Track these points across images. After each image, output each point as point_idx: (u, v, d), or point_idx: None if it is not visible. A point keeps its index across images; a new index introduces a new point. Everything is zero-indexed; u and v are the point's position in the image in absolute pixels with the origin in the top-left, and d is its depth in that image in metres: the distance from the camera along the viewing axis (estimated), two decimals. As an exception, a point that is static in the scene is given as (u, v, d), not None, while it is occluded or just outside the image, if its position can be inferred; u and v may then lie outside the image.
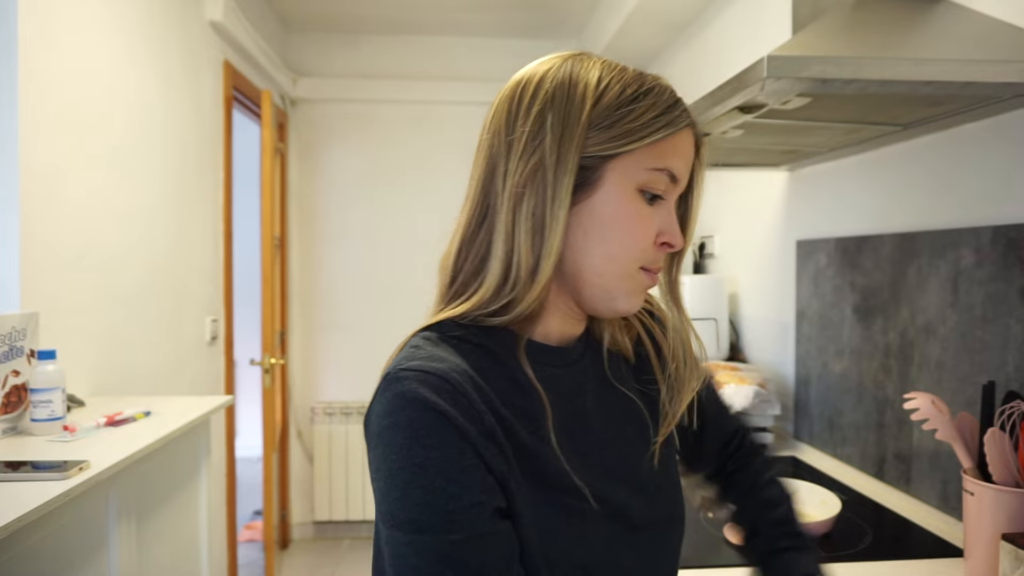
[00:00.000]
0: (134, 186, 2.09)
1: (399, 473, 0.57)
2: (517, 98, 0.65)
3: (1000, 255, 1.20)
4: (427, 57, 3.76)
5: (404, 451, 0.57)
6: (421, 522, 0.56)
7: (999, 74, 1.02)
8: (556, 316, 0.68)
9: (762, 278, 2.17)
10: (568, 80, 0.64)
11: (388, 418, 0.58)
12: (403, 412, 0.57)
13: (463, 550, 0.56)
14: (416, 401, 0.57)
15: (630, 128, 0.62)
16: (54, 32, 1.68)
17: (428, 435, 0.57)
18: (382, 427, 0.58)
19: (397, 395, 0.58)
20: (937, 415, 1.04)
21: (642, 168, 0.63)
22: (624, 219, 0.63)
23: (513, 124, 0.64)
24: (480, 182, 0.66)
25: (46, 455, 1.29)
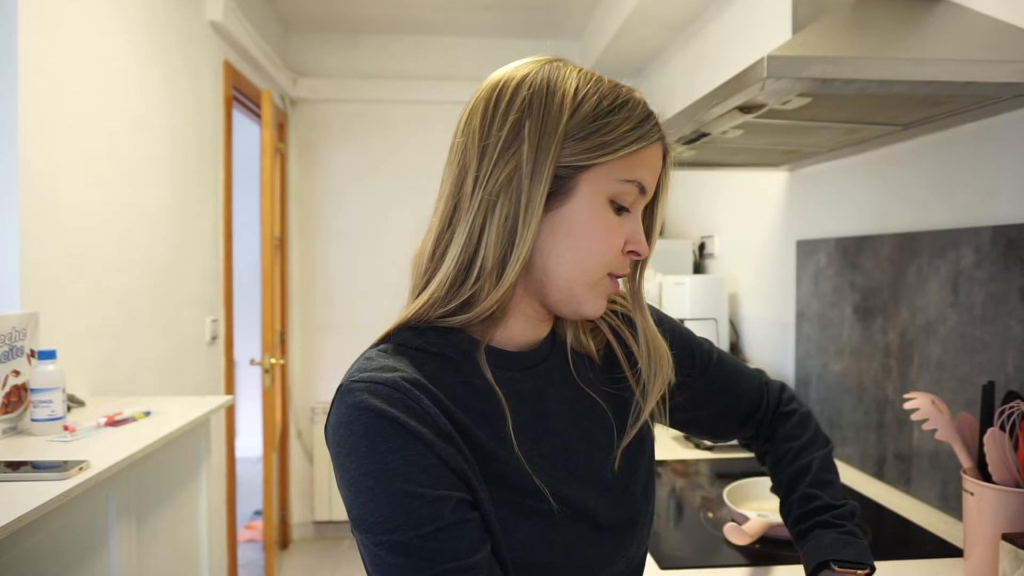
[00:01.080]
0: (134, 186, 2.09)
1: (362, 480, 0.59)
2: (494, 101, 0.66)
3: (1000, 255, 1.20)
4: (427, 57, 3.77)
5: (364, 459, 0.58)
6: (390, 523, 0.58)
7: (999, 74, 1.02)
8: (519, 319, 0.69)
9: (762, 278, 2.17)
10: (546, 88, 0.65)
11: (344, 428, 0.60)
12: (358, 422, 0.59)
13: (434, 541, 0.58)
14: (369, 410, 0.59)
15: (605, 140, 0.63)
16: (54, 32, 1.68)
17: (384, 440, 0.58)
18: (339, 437, 0.60)
19: (350, 406, 0.60)
20: (937, 415, 1.04)
21: (614, 179, 0.64)
22: (595, 228, 0.64)
23: (489, 128, 0.65)
24: (452, 183, 0.66)
25: (46, 455, 1.29)
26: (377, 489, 0.58)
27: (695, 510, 1.43)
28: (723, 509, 1.32)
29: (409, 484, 0.58)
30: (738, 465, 1.71)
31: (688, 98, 2.74)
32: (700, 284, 2.21)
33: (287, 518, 3.69)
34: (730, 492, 1.34)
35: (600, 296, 0.68)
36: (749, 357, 2.23)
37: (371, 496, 0.58)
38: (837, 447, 1.71)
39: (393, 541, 0.58)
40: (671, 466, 1.74)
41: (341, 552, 3.62)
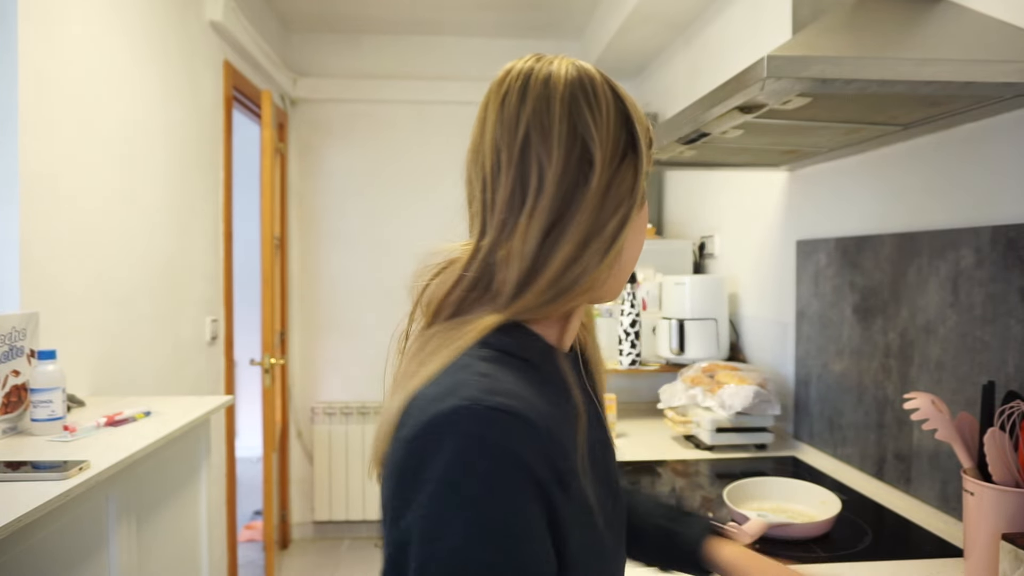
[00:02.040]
0: (134, 186, 2.09)
1: (468, 527, 0.51)
2: (591, 103, 0.63)
3: (1000, 255, 1.20)
4: (427, 57, 3.77)
5: (478, 504, 0.51)
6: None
7: (999, 74, 1.02)
8: (577, 317, 0.68)
9: (762, 278, 2.17)
10: (628, 102, 0.66)
11: (461, 461, 0.52)
12: (484, 460, 0.52)
13: None
14: (506, 455, 0.52)
15: (649, 150, 0.67)
16: (54, 32, 1.68)
17: (510, 494, 0.52)
18: (450, 467, 0.52)
19: (479, 438, 0.52)
20: (937, 415, 1.04)
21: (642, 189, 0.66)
22: (641, 226, 0.68)
23: (600, 129, 0.62)
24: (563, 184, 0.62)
25: (46, 455, 1.29)
26: (484, 541, 0.51)
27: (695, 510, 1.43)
28: (723, 509, 1.32)
29: (522, 551, 0.52)
30: (738, 465, 1.71)
31: (688, 98, 2.74)
32: (700, 284, 2.21)
33: (287, 518, 3.70)
34: (730, 492, 1.34)
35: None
36: (749, 357, 2.23)
37: (471, 544, 0.51)
38: (837, 447, 1.71)
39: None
40: (671, 466, 1.74)
41: (341, 552, 3.62)
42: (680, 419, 1.92)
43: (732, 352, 2.28)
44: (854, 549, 1.20)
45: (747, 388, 1.80)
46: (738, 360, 2.23)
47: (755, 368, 1.96)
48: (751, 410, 1.79)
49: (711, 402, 1.83)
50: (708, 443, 1.83)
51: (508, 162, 0.63)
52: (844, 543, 1.23)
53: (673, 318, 2.19)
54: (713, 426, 1.82)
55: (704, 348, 2.17)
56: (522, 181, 0.62)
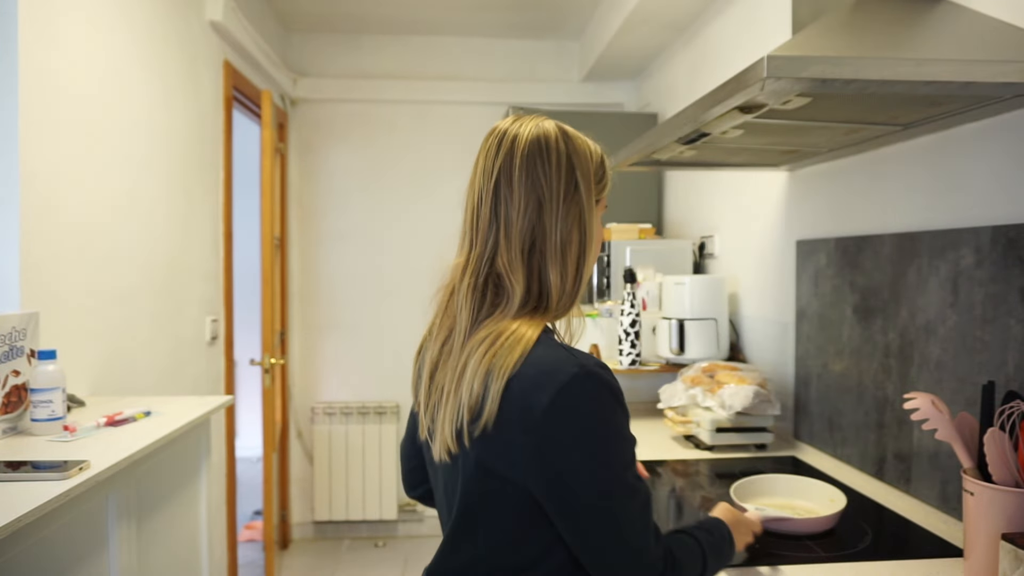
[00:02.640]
0: (134, 186, 2.09)
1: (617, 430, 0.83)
2: (542, 157, 0.89)
3: (1000, 255, 1.20)
4: (427, 57, 3.77)
5: (615, 416, 0.83)
6: (627, 462, 0.84)
7: (999, 74, 1.02)
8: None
9: (762, 278, 2.17)
10: (577, 148, 0.91)
11: (600, 398, 0.81)
12: (607, 392, 0.82)
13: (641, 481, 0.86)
14: (612, 386, 0.82)
15: (604, 182, 0.95)
16: (54, 32, 1.68)
17: (624, 405, 0.84)
18: (593, 405, 0.81)
19: (604, 383, 0.82)
20: (937, 415, 1.04)
21: (602, 206, 0.96)
22: (599, 236, 0.95)
23: (548, 177, 0.88)
24: (528, 220, 0.88)
25: (46, 455, 1.29)
26: (620, 437, 0.83)
27: (695, 510, 1.43)
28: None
29: (630, 435, 0.85)
30: (738, 465, 1.71)
31: (688, 98, 2.74)
32: (700, 284, 2.21)
33: (287, 518, 3.70)
34: (738, 488, 1.34)
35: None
36: (749, 357, 2.23)
37: (618, 441, 0.83)
38: (837, 447, 1.71)
39: (631, 474, 0.84)
40: (671, 466, 1.74)
41: (341, 552, 3.62)
42: (680, 419, 1.92)
43: (732, 352, 2.28)
44: (854, 549, 1.20)
45: (747, 388, 1.80)
46: (738, 360, 2.23)
47: (755, 368, 1.96)
48: (751, 410, 1.79)
49: (711, 402, 1.83)
50: (708, 443, 1.83)
51: (486, 198, 0.89)
52: (844, 543, 1.23)
53: (673, 318, 2.19)
54: (713, 426, 1.82)
55: (704, 348, 2.17)
56: (495, 212, 0.88)
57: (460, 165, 3.60)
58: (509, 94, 3.68)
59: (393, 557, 3.56)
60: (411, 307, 3.64)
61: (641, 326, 2.25)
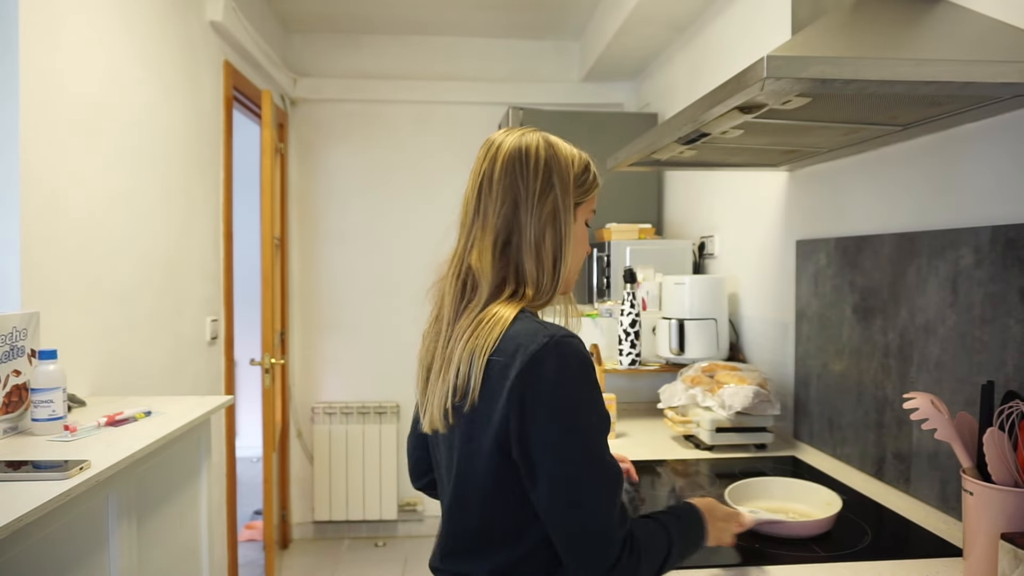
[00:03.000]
0: (134, 186, 2.09)
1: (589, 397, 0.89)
2: (520, 163, 0.97)
3: (999, 255, 1.20)
4: (427, 57, 3.77)
5: (586, 385, 0.88)
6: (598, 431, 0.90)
7: (999, 74, 1.02)
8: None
9: (762, 278, 2.17)
10: (555, 154, 0.99)
11: (571, 367, 0.87)
12: (577, 360, 0.88)
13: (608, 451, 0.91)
14: (583, 354, 0.89)
15: (587, 186, 1.02)
16: (55, 33, 1.68)
17: (594, 373, 0.90)
18: (565, 374, 0.87)
19: (574, 351, 0.88)
20: (936, 415, 1.05)
21: (589, 209, 1.04)
22: (583, 240, 1.04)
23: (525, 180, 0.97)
24: (504, 217, 0.96)
25: (47, 455, 1.29)
26: (591, 404, 0.89)
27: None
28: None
29: (602, 404, 0.91)
30: (738, 465, 1.72)
31: (688, 98, 2.74)
32: (700, 284, 2.21)
33: (287, 518, 3.70)
34: (735, 490, 1.34)
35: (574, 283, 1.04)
36: (749, 357, 2.24)
37: (589, 409, 0.88)
38: (837, 447, 1.71)
39: (601, 441, 0.89)
40: (671, 466, 1.74)
41: (341, 552, 3.62)
42: (680, 419, 1.92)
43: (732, 352, 2.28)
44: (854, 549, 1.20)
45: (747, 388, 1.80)
46: (738, 360, 2.23)
47: (755, 368, 1.96)
48: (751, 410, 1.79)
49: (711, 402, 1.83)
50: (708, 443, 1.83)
51: (471, 199, 0.99)
52: (844, 543, 1.23)
53: (673, 318, 2.20)
54: (713, 426, 1.82)
55: (704, 348, 2.17)
56: (477, 211, 0.98)
57: (460, 165, 3.60)
58: (509, 94, 3.68)
59: (393, 557, 3.56)
60: (411, 307, 3.62)
61: (641, 326, 2.25)
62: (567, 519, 0.87)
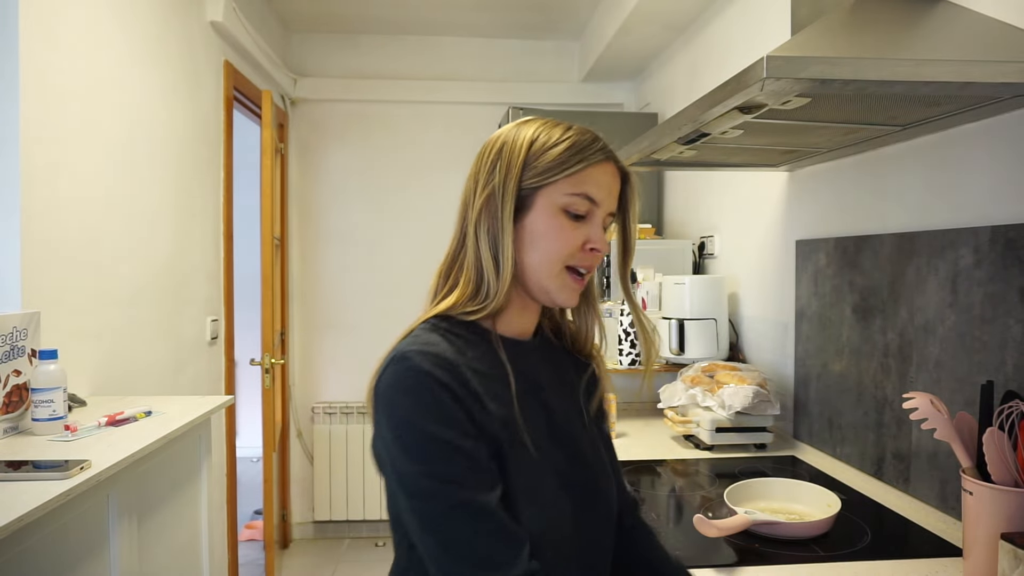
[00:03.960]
0: (135, 186, 2.09)
1: (403, 425, 0.76)
2: (481, 156, 0.88)
3: (999, 255, 1.20)
4: (427, 57, 3.77)
5: (409, 408, 0.76)
6: (422, 457, 0.74)
7: (998, 74, 1.02)
8: (515, 311, 0.88)
9: (762, 278, 2.17)
10: (512, 137, 0.86)
11: (394, 388, 0.77)
12: (408, 380, 0.76)
13: (457, 477, 0.74)
14: (420, 372, 0.76)
15: (550, 165, 0.84)
16: (55, 33, 1.68)
17: (428, 396, 0.76)
18: (391, 391, 0.77)
19: (403, 369, 0.77)
20: (936, 415, 1.05)
21: (562, 194, 0.84)
22: (549, 231, 0.84)
23: (478, 171, 0.87)
24: (459, 217, 0.88)
25: (47, 455, 1.29)
26: (415, 431, 0.75)
27: (695, 510, 1.43)
28: (723, 508, 1.32)
29: (444, 432, 0.74)
30: (738, 465, 1.72)
31: (688, 98, 2.74)
32: (700, 284, 2.21)
33: (287, 518, 3.70)
34: (735, 491, 1.34)
35: (565, 287, 0.86)
36: (749, 357, 2.24)
37: (411, 436, 0.75)
38: (836, 447, 1.71)
39: (425, 471, 0.74)
40: (671, 466, 1.74)
41: (341, 552, 3.62)
42: (680, 419, 1.92)
43: (732, 352, 2.28)
44: (853, 549, 1.21)
45: (747, 388, 1.80)
46: (738, 360, 2.23)
47: (755, 368, 1.96)
48: (751, 410, 1.79)
49: (711, 402, 1.83)
50: (708, 443, 1.83)
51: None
52: (843, 543, 1.23)
53: (673, 318, 2.20)
54: (713, 426, 1.82)
55: (704, 348, 2.17)
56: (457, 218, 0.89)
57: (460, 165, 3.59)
58: (509, 94, 3.68)
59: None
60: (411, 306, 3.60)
61: (641, 326, 2.25)
62: (432, 560, 0.75)
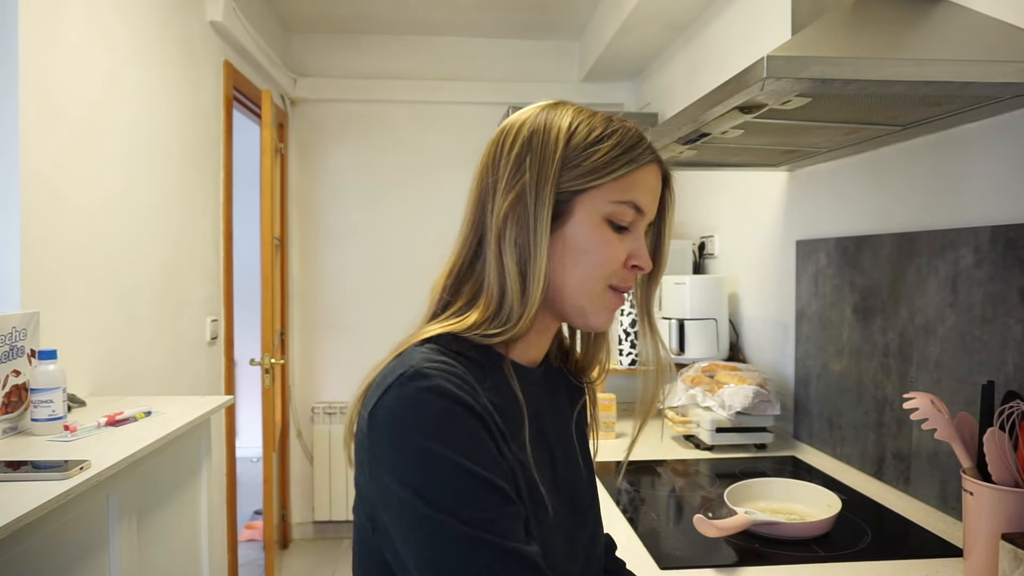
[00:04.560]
0: (134, 186, 2.09)
1: (429, 458, 0.61)
2: (500, 143, 0.73)
3: (999, 255, 1.20)
4: (427, 57, 3.77)
5: (434, 437, 0.61)
6: (458, 501, 0.60)
7: (999, 74, 1.02)
8: (537, 334, 0.76)
9: (762, 278, 2.17)
10: (544, 126, 0.72)
11: (413, 408, 0.62)
12: (431, 404, 0.62)
13: (497, 525, 0.61)
14: (445, 394, 0.62)
15: (595, 166, 0.70)
16: (54, 32, 1.68)
17: (458, 423, 0.62)
18: (405, 415, 0.62)
19: (424, 389, 0.62)
20: (936, 415, 1.05)
21: (608, 201, 0.71)
22: (593, 244, 0.71)
23: (496, 165, 0.72)
24: (471, 217, 0.74)
25: (47, 455, 1.29)
26: (447, 467, 0.60)
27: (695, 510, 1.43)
28: (723, 509, 1.32)
29: (478, 467, 0.61)
30: (738, 465, 1.72)
31: (688, 98, 2.74)
32: (700, 284, 2.21)
33: (287, 518, 3.70)
34: (735, 491, 1.34)
35: (604, 309, 0.74)
36: (749, 357, 2.24)
37: (440, 474, 0.60)
38: (837, 447, 1.71)
39: (462, 517, 0.60)
40: (671, 466, 1.74)
41: (341, 552, 3.62)
42: (680, 419, 1.92)
43: (732, 352, 2.28)
44: (854, 549, 1.20)
45: (747, 388, 1.80)
46: (738, 360, 2.23)
47: (755, 368, 1.96)
48: (751, 410, 1.79)
49: (711, 402, 1.83)
50: (708, 443, 1.83)
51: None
52: (844, 543, 1.23)
53: (673, 318, 2.20)
54: (713, 426, 1.82)
55: (704, 348, 2.17)
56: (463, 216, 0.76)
57: (460, 165, 3.60)
58: (509, 94, 3.68)
59: (393, 557, 3.56)
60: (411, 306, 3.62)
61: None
62: None
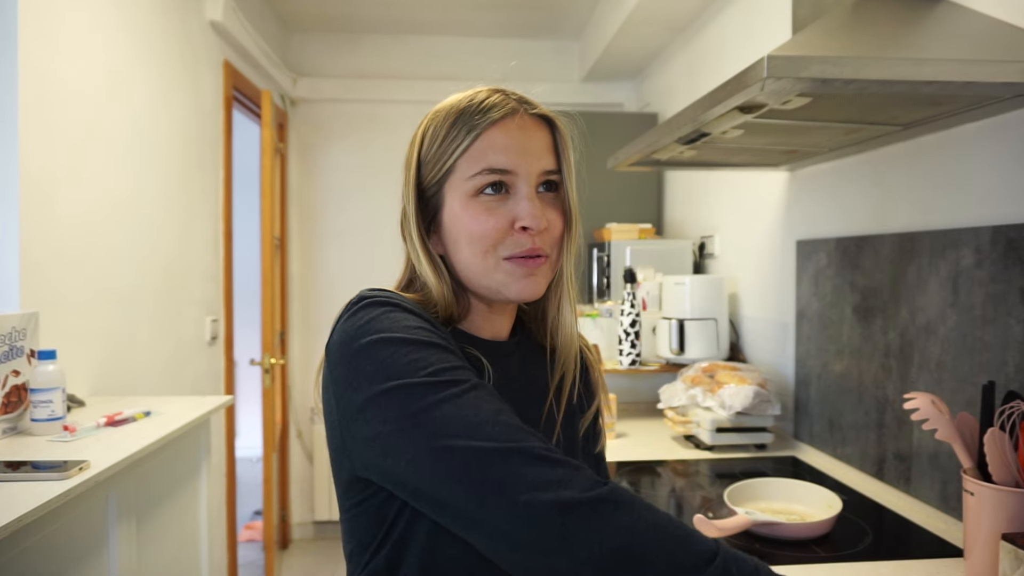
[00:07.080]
0: (134, 186, 2.09)
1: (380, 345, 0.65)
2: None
3: (1000, 255, 1.20)
4: (427, 57, 3.77)
5: (379, 332, 0.66)
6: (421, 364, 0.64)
7: (999, 74, 1.02)
8: (478, 314, 0.80)
9: (762, 278, 2.17)
10: (411, 138, 0.82)
11: (356, 321, 0.68)
12: (371, 310, 0.69)
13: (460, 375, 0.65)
14: (386, 302, 0.69)
15: (440, 152, 0.76)
16: (54, 32, 1.68)
17: (399, 317, 0.68)
18: (349, 329, 0.68)
19: (364, 305, 0.69)
20: (937, 415, 1.04)
21: (464, 179, 0.74)
22: (465, 223, 0.74)
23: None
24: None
25: (46, 455, 1.29)
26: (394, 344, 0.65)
27: (695, 510, 1.43)
28: (723, 509, 1.32)
29: (425, 336, 0.67)
30: (738, 465, 1.71)
31: (688, 98, 2.74)
32: (700, 284, 2.21)
33: (287, 518, 3.70)
34: (735, 491, 1.34)
35: (513, 279, 0.75)
36: (749, 357, 2.23)
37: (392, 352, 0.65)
38: (837, 447, 1.71)
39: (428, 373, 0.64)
40: (671, 466, 1.74)
41: (341, 552, 3.62)
42: (680, 419, 1.92)
43: (732, 352, 2.28)
44: (854, 549, 1.20)
45: (747, 388, 1.80)
46: (738, 360, 2.23)
47: (755, 368, 1.96)
48: (751, 410, 1.79)
49: (711, 402, 1.83)
50: (708, 443, 1.83)
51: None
52: (844, 543, 1.23)
53: (673, 318, 2.19)
54: (713, 426, 1.82)
55: (704, 348, 2.17)
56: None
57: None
58: (509, 94, 3.67)
59: (393, 557, 3.56)
60: (411, 307, 3.64)
61: (641, 326, 2.25)
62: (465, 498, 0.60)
